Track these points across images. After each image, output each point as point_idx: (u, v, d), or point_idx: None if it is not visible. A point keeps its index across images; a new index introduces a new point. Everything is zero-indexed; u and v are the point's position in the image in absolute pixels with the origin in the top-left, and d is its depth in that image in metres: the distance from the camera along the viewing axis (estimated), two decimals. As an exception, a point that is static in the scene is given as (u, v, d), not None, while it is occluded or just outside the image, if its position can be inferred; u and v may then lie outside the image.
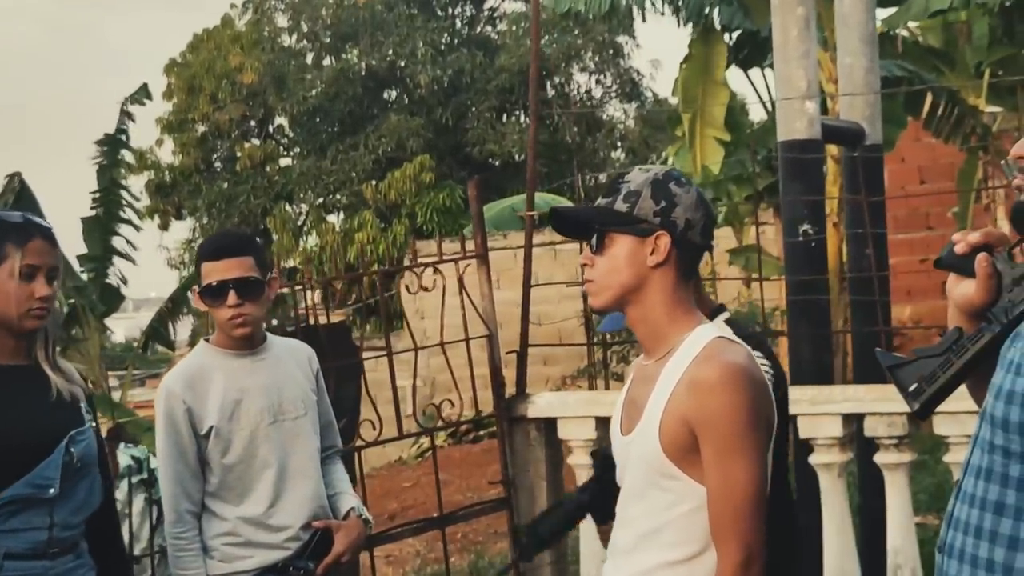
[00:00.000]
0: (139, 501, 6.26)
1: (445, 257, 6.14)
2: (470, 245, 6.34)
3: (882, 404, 5.48)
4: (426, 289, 5.97)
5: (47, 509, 3.63)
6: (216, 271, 4.23)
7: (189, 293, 4.43)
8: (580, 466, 6.01)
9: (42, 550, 3.63)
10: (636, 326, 3.06)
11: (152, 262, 53.19)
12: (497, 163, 29.23)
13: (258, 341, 4.38)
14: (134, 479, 6.32)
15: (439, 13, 31.87)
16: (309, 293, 6.35)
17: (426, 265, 6.12)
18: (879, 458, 5.64)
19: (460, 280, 6.11)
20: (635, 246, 2.99)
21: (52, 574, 3.66)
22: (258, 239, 4.55)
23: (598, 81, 32.22)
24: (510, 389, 6.37)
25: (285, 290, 6.21)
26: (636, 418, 3.01)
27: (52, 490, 3.63)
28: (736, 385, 2.86)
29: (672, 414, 2.90)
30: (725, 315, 4.33)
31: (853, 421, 5.69)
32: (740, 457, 2.85)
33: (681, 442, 2.89)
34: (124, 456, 6.33)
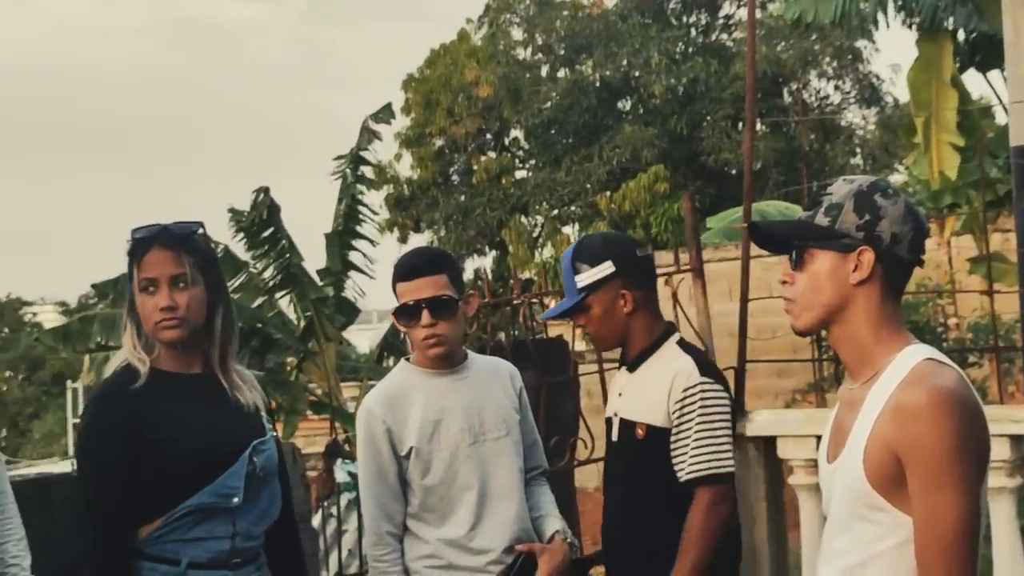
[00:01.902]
0: (354, 518, 6.22)
1: (658, 271, 5.98)
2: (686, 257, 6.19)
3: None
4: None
5: (230, 518, 3.65)
6: (410, 291, 4.19)
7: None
8: (801, 486, 5.79)
9: (224, 559, 3.66)
10: (840, 347, 2.90)
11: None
12: (733, 172, 28.90)
13: (458, 360, 4.32)
14: (351, 495, 6.28)
15: (673, 22, 31.71)
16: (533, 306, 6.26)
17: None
18: (1050, 484, 5.31)
19: (674, 295, 5.94)
20: (837, 262, 2.83)
21: None
22: (452, 256, 4.48)
23: (836, 87, 31.68)
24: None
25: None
26: (841, 445, 2.85)
27: (236, 499, 3.65)
28: (945, 410, 2.66)
29: (877, 441, 2.72)
30: (677, 336, 4.14)
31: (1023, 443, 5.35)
32: (948, 488, 2.64)
33: (887, 471, 2.71)
34: (341, 472, 6.33)
